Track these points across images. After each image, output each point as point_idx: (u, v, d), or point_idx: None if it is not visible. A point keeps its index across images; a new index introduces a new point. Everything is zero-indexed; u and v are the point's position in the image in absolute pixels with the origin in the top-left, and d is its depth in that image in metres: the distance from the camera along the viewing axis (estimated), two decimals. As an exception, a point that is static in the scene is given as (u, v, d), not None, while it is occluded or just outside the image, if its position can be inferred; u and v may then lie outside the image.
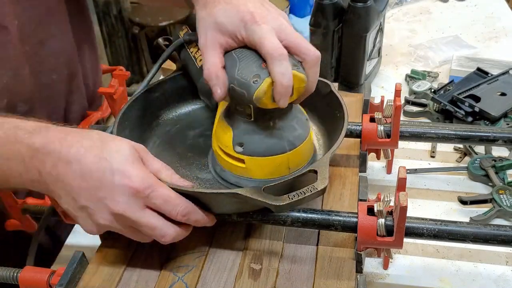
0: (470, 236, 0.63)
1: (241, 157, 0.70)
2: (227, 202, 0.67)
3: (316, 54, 0.67)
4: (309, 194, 0.61)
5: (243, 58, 0.66)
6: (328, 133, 0.80)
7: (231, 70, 0.65)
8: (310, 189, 0.62)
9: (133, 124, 0.79)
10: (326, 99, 0.80)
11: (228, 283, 0.67)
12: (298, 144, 0.70)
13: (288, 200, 0.61)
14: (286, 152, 0.70)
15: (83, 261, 0.69)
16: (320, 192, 0.62)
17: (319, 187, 0.62)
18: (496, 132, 0.82)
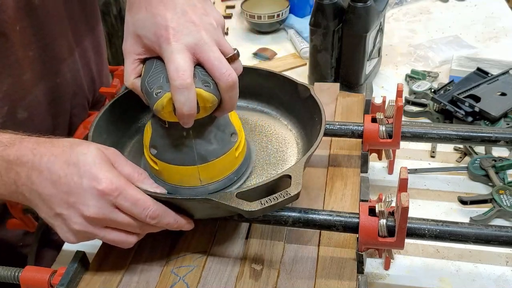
0: (471, 237, 0.63)
1: (154, 159, 0.70)
2: (200, 208, 0.67)
3: (230, 79, 0.62)
4: (282, 199, 0.61)
5: (157, 67, 0.64)
6: (307, 137, 0.80)
7: (144, 76, 0.65)
8: (283, 195, 0.61)
9: (111, 128, 0.78)
10: (306, 103, 0.80)
11: (229, 283, 0.67)
12: (210, 159, 0.69)
13: (260, 206, 0.60)
14: (196, 165, 0.68)
15: (84, 261, 0.69)
16: (293, 197, 0.61)
17: (292, 193, 0.61)
18: (497, 133, 0.82)
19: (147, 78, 0.64)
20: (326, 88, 1.04)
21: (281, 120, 0.86)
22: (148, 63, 0.66)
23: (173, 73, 0.60)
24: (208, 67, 0.62)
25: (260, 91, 0.88)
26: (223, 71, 0.61)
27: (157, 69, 0.64)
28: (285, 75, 0.84)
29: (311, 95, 0.79)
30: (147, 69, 0.65)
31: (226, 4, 1.69)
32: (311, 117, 0.78)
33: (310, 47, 1.19)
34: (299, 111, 0.83)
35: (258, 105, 0.89)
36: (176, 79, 0.59)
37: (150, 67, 0.65)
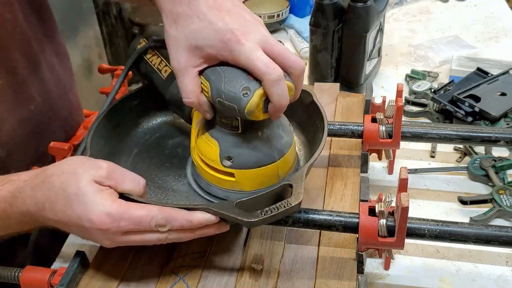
0: (471, 237, 0.63)
1: (230, 171, 0.68)
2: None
3: (302, 65, 0.64)
4: (282, 210, 0.60)
5: (227, 71, 0.62)
6: (309, 144, 0.79)
7: (217, 84, 0.62)
8: (283, 205, 0.60)
9: (109, 133, 0.78)
10: (308, 109, 0.79)
11: (229, 283, 0.67)
12: (286, 151, 0.69)
13: (260, 217, 0.60)
14: (276, 161, 0.68)
15: (84, 261, 0.69)
16: (294, 207, 0.61)
17: (293, 203, 0.60)
18: (497, 133, 0.82)
19: (223, 85, 0.61)
20: (326, 88, 1.04)
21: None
22: (210, 72, 0.63)
23: (265, 69, 0.59)
24: (281, 58, 0.62)
25: None
26: (294, 59, 0.63)
27: (229, 74, 0.62)
28: None
29: (313, 101, 0.78)
30: (216, 77, 0.62)
31: (226, 4, 1.69)
32: (313, 123, 0.78)
33: (310, 47, 1.19)
34: (300, 116, 0.82)
35: None
36: (272, 73, 0.59)
37: (217, 75, 0.62)
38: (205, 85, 0.63)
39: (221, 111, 0.64)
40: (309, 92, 0.79)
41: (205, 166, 0.70)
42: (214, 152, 0.68)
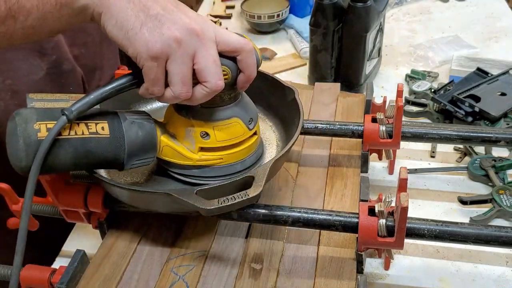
0: (471, 237, 0.63)
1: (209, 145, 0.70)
2: (163, 202, 0.67)
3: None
4: (239, 200, 0.61)
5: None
6: (287, 140, 0.79)
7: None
8: (241, 195, 0.61)
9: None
10: (290, 106, 0.80)
11: (229, 282, 0.67)
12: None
13: (217, 205, 0.60)
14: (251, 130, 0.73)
15: (84, 260, 0.69)
16: (252, 199, 0.61)
17: (251, 194, 0.61)
18: (498, 133, 0.82)
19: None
20: (327, 88, 1.04)
21: (267, 121, 0.86)
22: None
23: (239, 43, 0.63)
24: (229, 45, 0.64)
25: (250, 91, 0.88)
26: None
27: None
28: (274, 77, 0.84)
29: (294, 98, 0.79)
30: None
31: (226, 4, 1.69)
32: (293, 120, 0.78)
33: (310, 47, 1.19)
34: (283, 113, 0.83)
35: None
36: (246, 43, 0.64)
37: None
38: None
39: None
40: (292, 89, 0.80)
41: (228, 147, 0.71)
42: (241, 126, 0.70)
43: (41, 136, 0.59)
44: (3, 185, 0.76)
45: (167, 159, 0.70)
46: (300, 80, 1.28)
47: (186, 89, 0.62)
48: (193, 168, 0.71)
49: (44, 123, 0.60)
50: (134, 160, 0.67)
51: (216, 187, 0.63)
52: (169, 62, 0.60)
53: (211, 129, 0.68)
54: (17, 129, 0.59)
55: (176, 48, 0.60)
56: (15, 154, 0.60)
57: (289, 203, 0.78)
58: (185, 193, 0.62)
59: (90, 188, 0.73)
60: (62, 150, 0.61)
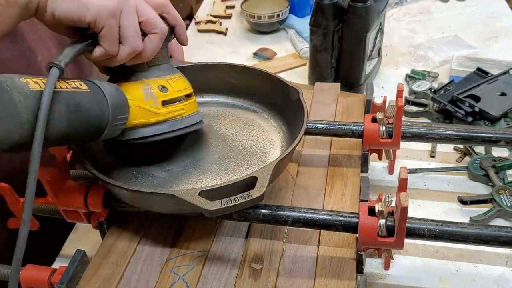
0: (471, 237, 0.63)
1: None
2: (165, 202, 0.67)
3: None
4: (242, 201, 0.61)
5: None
6: (291, 141, 0.80)
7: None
8: (244, 196, 0.61)
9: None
10: (294, 106, 0.80)
11: (229, 282, 0.67)
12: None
13: (220, 206, 0.60)
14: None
15: (84, 260, 0.69)
16: (255, 200, 0.61)
17: (254, 195, 0.61)
18: (498, 133, 0.82)
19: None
20: (327, 88, 1.04)
21: (272, 121, 0.87)
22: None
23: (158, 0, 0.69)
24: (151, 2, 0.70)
25: (254, 91, 0.89)
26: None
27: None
28: (278, 77, 0.84)
29: (298, 99, 0.79)
30: None
31: (226, 4, 1.69)
32: (297, 121, 0.78)
33: (310, 47, 1.19)
34: (288, 113, 0.83)
35: (252, 105, 0.90)
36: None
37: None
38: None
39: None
40: (297, 90, 0.80)
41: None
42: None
43: (33, 87, 0.55)
44: (3, 185, 0.76)
45: (136, 121, 0.70)
46: (300, 80, 1.28)
47: (140, 41, 0.66)
48: (162, 124, 0.73)
49: (29, 78, 0.57)
50: (116, 115, 0.66)
51: (219, 188, 0.63)
52: (122, 18, 0.64)
53: (166, 82, 0.74)
54: (4, 85, 0.54)
55: (123, 2, 0.64)
56: (10, 111, 0.53)
57: (289, 203, 0.78)
58: (188, 194, 0.62)
59: (90, 188, 0.73)
60: (57, 105, 0.57)
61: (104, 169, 0.73)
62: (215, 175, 0.75)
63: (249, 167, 0.77)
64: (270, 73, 0.85)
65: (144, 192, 0.66)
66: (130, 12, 0.64)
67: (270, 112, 0.88)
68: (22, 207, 0.79)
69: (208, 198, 0.61)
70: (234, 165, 0.77)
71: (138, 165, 0.78)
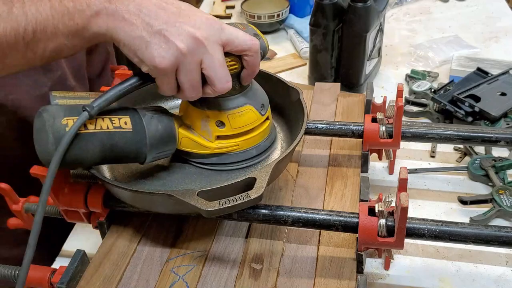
0: (471, 237, 0.63)
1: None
2: (164, 202, 0.67)
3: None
4: (241, 202, 0.61)
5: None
6: (292, 141, 0.80)
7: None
8: (243, 197, 0.61)
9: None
10: (294, 107, 0.80)
11: (229, 282, 0.67)
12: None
13: (218, 206, 0.60)
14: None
15: (84, 260, 0.69)
16: (254, 200, 0.61)
17: (252, 196, 0.61)
18: (498, 133, 0.82)
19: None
20: (327, 88, 1.04)
21: (273, 121, 0.86)
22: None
23: (246, 44, 0.66)
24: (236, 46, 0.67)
25: None
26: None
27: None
28: (278, 77, 0.84)
29: (299, 99, 0.79)
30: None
31: (226, 4, 1.69)
32: (297, 121, 0.78)
33: (310, 47, 1.19)
34: (288, 114, 0.83)
35: None
36: (253, 44, 0.67)
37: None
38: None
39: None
40: (297, 90, 0.80)
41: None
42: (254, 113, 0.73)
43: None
44: (4, 185, 0.76)
45: (187, 149, 0.73)
46: (300, 80, 1.28)
47: (196, 93, 0.66)
48: (212, 156, 0.73)
49: (71, 119, 0.62)
50: (155, 153, 0.70)
51: (218, 189, 0.63)
52: (178, 73, 0.63)
53: (225, 117, 0.71)
54: (46, 124, 0.61)
55: (182, 59, 0.62)
56: (45, 148, 0.62)
57: (289, 203, 0.78)
58: (186, 194, 0.62)
59: (90, 188, 0.73)
60: (90, 144, 0.63)
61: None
62: (215, 175, 0.75)
63: (248, 167, 0.77)
64: (270, 73, 0.85)
65: (143, 192, 0.66)
66: (188, 68, 0.63)
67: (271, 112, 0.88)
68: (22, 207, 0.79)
69: (206, 198, 0.61)
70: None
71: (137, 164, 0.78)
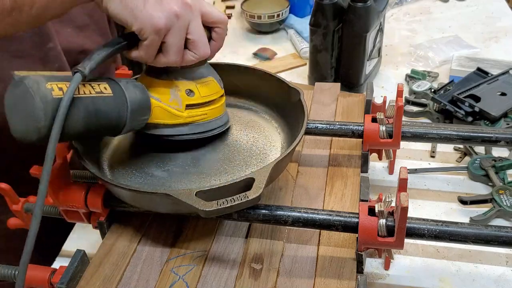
0: (471, 237, 0.63)
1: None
2: (162, 202, 0.67)
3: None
4: (239, 202, 0.61)
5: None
6: (292, 141, 0.80)
7: None
8: (241, 197, 0.61)
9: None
10: (295, 107, 0.80)
11: (229, 282, 0.67)
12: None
13: (216, 207, 0.60)
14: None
15: (84, 260, 0.69)
16: (252, 201, 0.61)
17: (251, 196, 0.61)
18: (498, 133, 0.82)
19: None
20: (327, 88, 1.04)
21: (273, 122, 0.87)
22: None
23: (220, 17, 0.72)
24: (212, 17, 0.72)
25: (255, 92, 0.89)
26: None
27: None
28: (279, 77, 0.84)
29: (299, 100, 0.79)
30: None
31: (226, 4, 1.69)
32: (297, 122, 0.78)
33: (310, 47, 1.19)
34: (289, 114, 0.83)
35: (253, 106, 0.90)
36: (225, 18, 0.73)
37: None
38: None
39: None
40: (298, 90, 0.80)
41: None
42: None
43: (56, 95, 0.59)
44: (3, 185, 0.76)
45: (157, 121, 0.73)
46: (300, 80, 1.28)
47: (179, 57, 0.69)
48: (182, 126, 0.75)
49: (55, 83, 0.60)
50: (134, 119, 0.70)
51: (216, 189, 0.63)
52: (169, 34, 0.66)
53: (194, 86, 0.75)
54: (29, 90, 0.58)
55: (175, 21, 0.65)
56: (31, 118, 0.58)
57: (289, 203, 0.78)
58: (184, 194, 0.62)
59: (90, 188, 0.73)
60: (76, 109, 0.61)
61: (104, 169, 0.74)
62: (215, 176, 0.75)
63: (248, 167, 0.77)
64: (271, 73, 0.85)
65: (141, 192, 0.66)
66: (178, 31, 0.66)
67: (271, 112, 0.88)
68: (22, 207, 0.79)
69: (204, 198, 0.61)
70: (233, 166, 0.77)
71: (137, 164, 0.78)
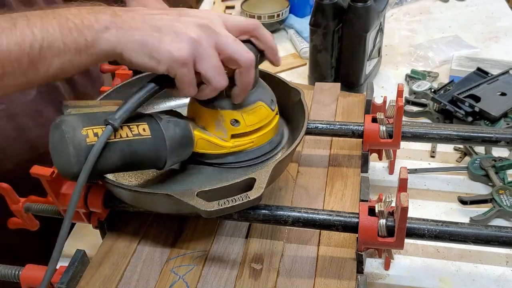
0: (471, 237, 0.63)
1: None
2: (163, 203, 0.68)
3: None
4: (240, 202, 0.61)
5: None
6: (292, 141, 0.79)
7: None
8: (242, 197, 0.61)
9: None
10: (295, 108, 0.80)
11: (229, 282, 0.67)
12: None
13: (217, 207, 0.60)
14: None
15: (84, 260, 0.69)
16: (253, 201, 0.61)
17: (252, 196, 0.61)
18: (498, 133, 0.82)
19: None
20: (327, 88, 1.04)
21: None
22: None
23: (247, 22, 0.68)
24: (240, 27, 0.68)
25: None
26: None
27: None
28: (279, 77, 0.84)
29: (300, 100, 0.79)
30: None
31: (226, 4, 1.69)
32: (298, 122, 0.78)
33: (310, 47, 1.19)
34: (289, 114, 0.83)
35: None
36: (254, 21, 0.69)
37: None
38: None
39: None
40: (298, 91, 0.80)
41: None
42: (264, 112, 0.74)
43: (90, 142, 0.61)
44: (4, 185, 0.76)
45: (202, 151, 0.73)
46: (300, 80, 1.28)
47: (224, 78, 0.65)
48: (228, 156, 0.74)
49: (91, 129, 0.62)
50: (174, 157, 0.69)
51: (217, 189, 0.63)
52: (198, 62, 0.63)
53: (239, 116, 0.71)
54: (66, 136, 0.61)
55: (198, 47, 0.62)
56: (66, 161, 0.61)
57: (289, 203, 0.78)
58: (185, 194, 0.62)
59: (90, 188, 0.73)
60: (110, 153, 0.63)
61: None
62: (215, 176, 0.75)
63: (249, 168, 0.77)
64: (272, 73, 0.85)
65: (142, 192, 0.66)
66: (206, 55, 0.63)
67: None
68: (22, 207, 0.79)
69: (206, 199, 0.61)
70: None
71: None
